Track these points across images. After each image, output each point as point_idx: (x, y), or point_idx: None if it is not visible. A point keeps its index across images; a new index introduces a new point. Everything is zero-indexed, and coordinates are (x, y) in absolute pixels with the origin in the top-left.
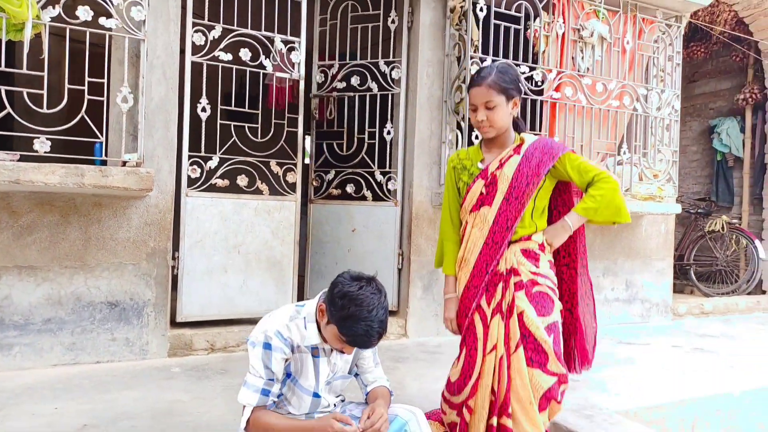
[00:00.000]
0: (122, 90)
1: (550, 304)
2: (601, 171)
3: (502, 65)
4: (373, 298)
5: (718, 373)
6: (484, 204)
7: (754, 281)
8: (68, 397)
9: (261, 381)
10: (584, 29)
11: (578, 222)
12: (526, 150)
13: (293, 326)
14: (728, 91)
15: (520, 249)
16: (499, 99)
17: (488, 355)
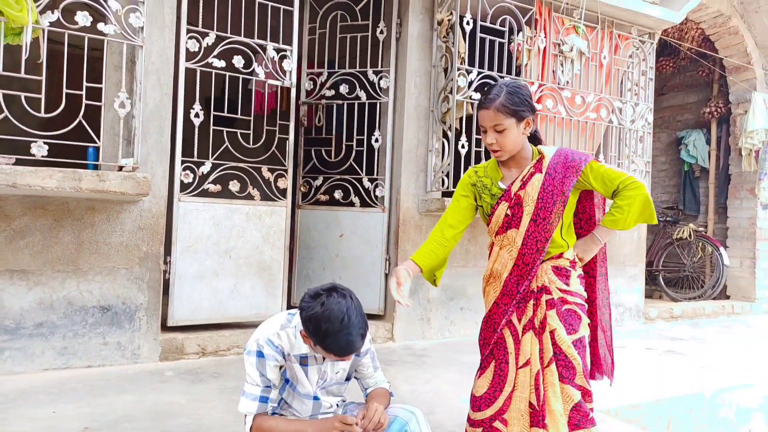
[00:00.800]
0: (120, 95)
1: (577, 321)
2: (627, 177)
3: (511, 85)
4: (340, 306)
5: (689, 374)
6: (511, 227)
7: (719, 286)
8: (65, 401)
9: (258, 389)
10: (564, 44)
11: (607, 235)
12: (548, 166)
13: (284, 334)
14: (695, 105)
15: (551, 267)
16: (509, 122)
17: (521, 369)
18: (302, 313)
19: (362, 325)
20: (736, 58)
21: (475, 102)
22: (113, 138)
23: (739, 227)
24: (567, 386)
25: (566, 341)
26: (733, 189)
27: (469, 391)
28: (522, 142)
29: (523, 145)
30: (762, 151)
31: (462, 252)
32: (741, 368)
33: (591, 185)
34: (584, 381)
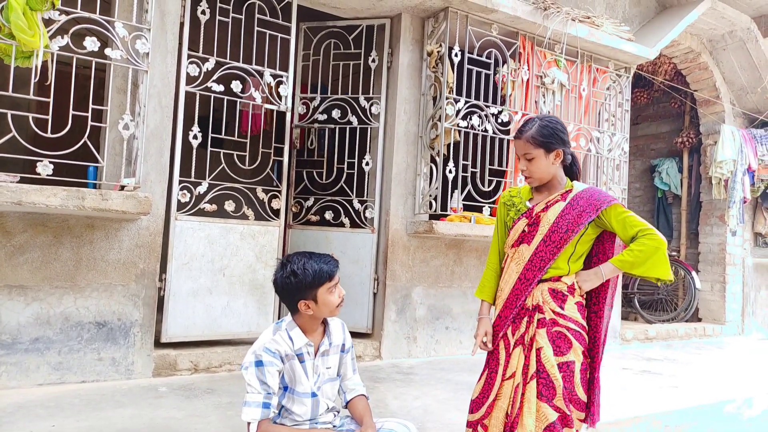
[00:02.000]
0: (124, 117)
1: (566, 345)
2: (648, 228)
3: (545, 119)
4: (299, 256)
5: (664, 393)
6: (524, 242)
7: (692, 309)
8: (63, 415)
9: (260, 396)
10: (546, 76)
11: (611, 273)
12: (572, 198)
13: (278, 338)
14: (668, 134)
15: (548, 288)
16: (537, 152)
17: (506, 381)
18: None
19: (326, 254)
20: (705, 92)
21: (462, 129)
22: (114, 158)
23: (710, 252)
24: (543, 404)
25: (551, 360)
26: (704, 216)
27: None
28: (553, 172)
29: (555, 175)
30: (731, 180)
31: (448, 273)
32: (712, 387)
33: (611, 226)
34: (563, 405)
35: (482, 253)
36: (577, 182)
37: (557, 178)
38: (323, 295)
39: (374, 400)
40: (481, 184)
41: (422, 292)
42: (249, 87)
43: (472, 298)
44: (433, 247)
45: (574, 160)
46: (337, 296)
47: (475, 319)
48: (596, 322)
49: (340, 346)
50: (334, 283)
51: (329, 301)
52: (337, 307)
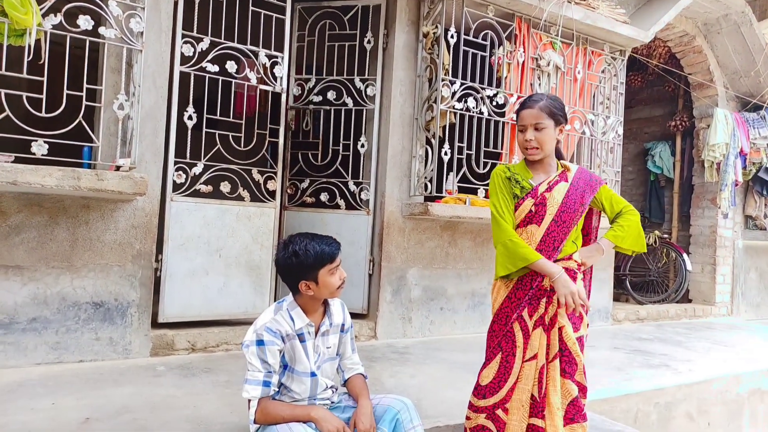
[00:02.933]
0: (119, 97)
1: (578, 320)
2: (627, 204)
3: (551, 96)
4: (301, 237)
5: (654, 371)
6: (532, 222)
7: (682, 290)
8: (62, 393)
9: (261, 374)
10: (542, 59)
11: (609, 247)
12: (573, 179)
13: (279, 318)
14: (661, 118)
15: (563, 267)
16: (549, 122)
17: (527, 363)
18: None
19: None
20: (699, 76)
21: (458, 112)
22: (109, 138)
23: (701, 235)
24: (567, 381)
25: (572, 338)
26: (696, 199)
27: (452, 386)
28: (553, 148)
29: (551, 154)
30: (723, 163)
31: (443, 255)
32: (702, 366)
33: (601, 204)
34: (583, 378)
35: (477, 235)
36: (568, 162)
37: (552, 157)
38: (324, 276)
39: (370, 378)
40: (476, 167)
41: (417, 274)
42: (244, 68)
43: (467, 279)
44: (428, 229)
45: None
46: (338, 278)
47: (469, 299)
48: None
49: (340, 326)
50: (336, 264)
51: (330, 283)
52: (338, 288)
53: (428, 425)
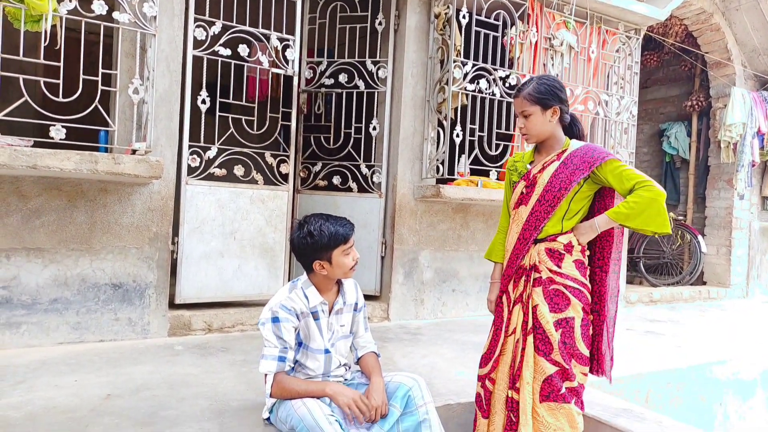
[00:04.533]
0: (134, 82)
1: (564, 302)
2: (646, 180)
3: (542, 78)
4: (316, 218)
5: (666, 352)
6: (522, 203)
7: (697, 273)
8: (84, 371)
9: (276, 350)
10: (555, 38)
11: (605, 224)
12: (566, 157)
13: (294, 296)
14: (677, 98)
15: (544, 248)
16: (534, 108)
17: (509, 337)
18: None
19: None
20: (716, 54)
21: (469, 93)
22: (124, 123)
23: (716, 216)
24: (540, 358)
25: (546, 317)
26: (712, 180)
27: (463, 365)
28: (550, 130)
29: (553, 134)
30: (740, 143)
31: (455, 237)
32: (714, 347)
33: (607, 181)
34: (561, 359)
35: (489, 218)
36: (575, 141)
37: (555, 138)
38: (338, 257)
39: (383, 358)
40: (488, 149)
41: (429, 256)
42: (256, 51)
43: (479, 261)
44: (440, 212)
45: (575, 120)
46: (352, 259)
47: (481, 281)
48: (601, 277)
49: (353, 305)
50: (349, 245)
51: (343, 263)
52: (351, 269)
53: (439, 403)
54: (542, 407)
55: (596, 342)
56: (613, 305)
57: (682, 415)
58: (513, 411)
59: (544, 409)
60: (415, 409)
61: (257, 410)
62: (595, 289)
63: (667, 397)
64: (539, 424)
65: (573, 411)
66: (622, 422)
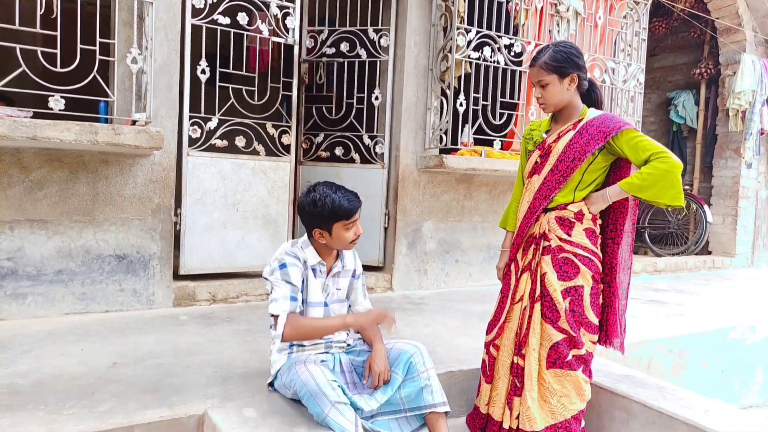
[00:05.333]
0: (132, 51)
1: (573, 270)
2: (663, 151)
3: (558, 45)
4: (326, 187)
5: (669, 320)
6: (536, 172)
7: (702, 242)
8: (90, 341)
9: (287, 290)
10: (561, 4)
11: (618, 195)
12: (582, 126)
13: (296, 249)
14: (685, 66)
15: (555, 216)
16: (550, 77)
17: (515, 304)
18: (306, 211)
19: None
20: (727, 20)
21: (473, 61)
22: (124, 93)
23: (723, 186)
24: (548, 326)
25: (554, 285)
26: (719, 149)
27: (466, 334)
28: (567, 98)
29: (571, 101)
30: (748, 111)
31: (458, 207)
32: (717, 316)
33: (622, 152)
34: (568, 327)
35: (492, 188)
36: (593, 109)
37: (573, 106)
38: (338, 230)
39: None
40: (492, 118)
41: (432, 227)
42: (255, 20)
43: (482, 232)
44: (443, 182)
45: (593, 87)
46: (353, 234)
47: (484, 252)
48: (613, 248)
49: (352, 271)
50: (352, 221)
51: (343, 237)
52: (351, 243)
53: (441, 370)
54: (549, 373)
55: (605, 313)
56: (626, 277)
57: (684, 382)
58: (518, 377)
59: (550, 376)
60: (417, 375)
61: (261, 377)
62: (606, 260)
63: (669, 364)
64: (545, 389)
65: (580, 379)
66: (623, 388)
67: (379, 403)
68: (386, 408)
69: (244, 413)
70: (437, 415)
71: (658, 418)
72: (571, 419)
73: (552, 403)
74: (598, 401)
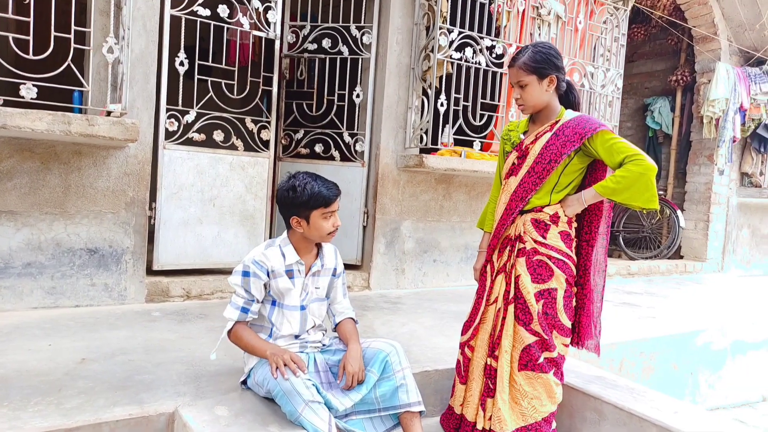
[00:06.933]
0: (108, 40)
1: (547, 273)
2: (636, 153)
3: (538, 45)
4: (306, 174)
5: (641, 323)
6: (513, 174)
7: (674, 247)
8: (59, 336)
9: (242, 300)
10: (542, 7)
11: (593, 198)
12: (558, 128)
13: (270, 253)
14: (662, 72)
15: (530, 218)
16: (530, 78)
17: (490, 306)
18: (284, 198)
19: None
20: (703, 29)
21: (455, 62)
22: (99, 83)
23: (696, 191)
24: (520, 328)
25: (528, 288)
26: (693, 155)
27: (442, 334)
28: (546, 100)
29: (549, 104)
30: (722, 119)
31: (437, 207)
32: (687, 319)
33: (597, 153)
34: (541, 329)
35: (471, 189)
36: (569, 111)
37: (551, 107)
38: (316, 218)
39: (362, 326)
40: (472, 119)
41: (411, 226)
42: (236, 12)
43: (461, 232)
44: (422, 182)
45: (571, 88)
46: (331, 224)
47: (462, 252)
48: (587, 250)
49: (332, 269)
50: (330, 210)
51: (321, 226)
52: (329, 234)
53: (417, 369)
54: (520, 375)
55: (578, 315)
56: (600, 279)
57: (654, 384)
58: (491, 378)
59: (522, 378)
60: (392, 374)
61: (234, 375)
62: (580, 262)
63: (640, 365)
64: (516, 391)
65: (551, 381)
66: (594, 389)
67: (353, 402)
68: (361, 407)
69: (216, 411)
70: (411, 415)
71: (629, 419)
72: (541, 421)
73: (523, 405)
74: (569, 402)
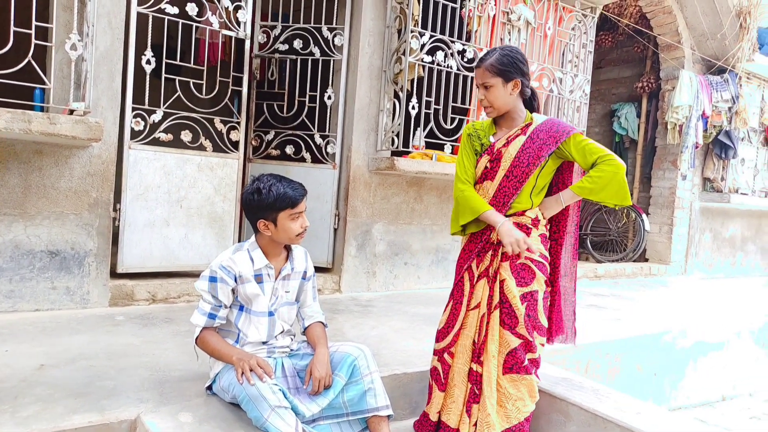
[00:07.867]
0: (71, 37)
1: (530, 276)
2: (608, 154)
3: (505, 49)
4: (270, 176)
5: (607, 325)
6: (487, 178)
7: (639, 250)
8: (17, 341)
9: (209, 306)
10: (513, 13)
11: (571, 199)
12: (532, 131)
13: (237, 258)
14: (629, 79)
15: (513, 222)
16: (495, 80)
17: (471, 311)
18: (249, 202)
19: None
20: (668, 37)
21: (426, 65)
22: (62, 81)
23: (660, 196)
24: (506, 332)
25: (513, 292)
26: (658, 160)
27: (412, 337)
28: (511, 103)
29: (514, 107)
30: (685, 125)
31: (408, 210)
32: (651, 321)
33: (571, 156)
34: (526, 332)
35: (443, 192)
36: (537, 114)
37: (516, 111)
38: (283, 220)
39: (332, 329)
40: (443, 122)
41: (382, 229)
42: (205, 11)
43: (432, 235)
44: (394, 184)
45: (534, 95)
46: (299, 226)
47: (433, 255)
48: (557, 249)
49: (302, 273)
50: (297, 211)
51: (289, 228)
52: (297, 236)
53: (386, 373)
54: (505, 379)
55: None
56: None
57: (619, 385)
58: (476, 384)
59: (506, 381)
60: (360, 378)
61: (199, 381)
62: (551, 261)
63: (605, 367)
64: (501, 395)
65: (533, 381)
66: (560, 390)
67: (320, 407)
68: (328, 412)
69: (180, 418)
70: (380, 419)
71: (593, 420)
72: (523, 421)
73: (507, 407)
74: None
